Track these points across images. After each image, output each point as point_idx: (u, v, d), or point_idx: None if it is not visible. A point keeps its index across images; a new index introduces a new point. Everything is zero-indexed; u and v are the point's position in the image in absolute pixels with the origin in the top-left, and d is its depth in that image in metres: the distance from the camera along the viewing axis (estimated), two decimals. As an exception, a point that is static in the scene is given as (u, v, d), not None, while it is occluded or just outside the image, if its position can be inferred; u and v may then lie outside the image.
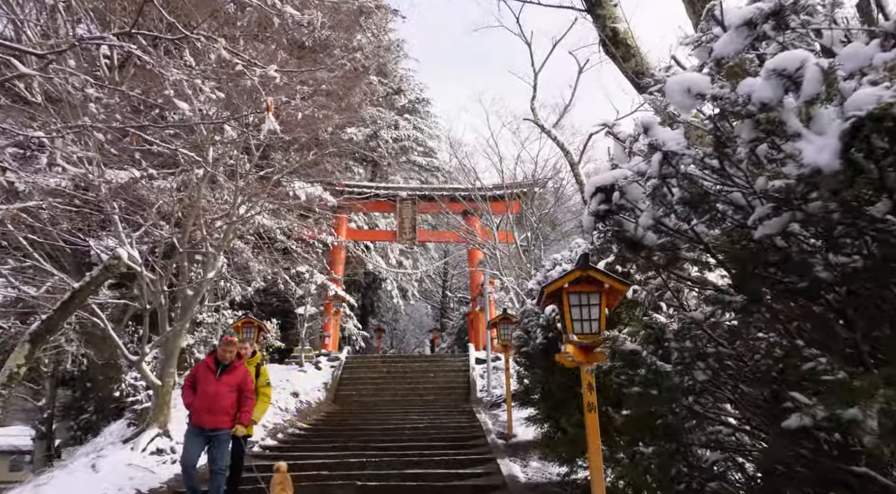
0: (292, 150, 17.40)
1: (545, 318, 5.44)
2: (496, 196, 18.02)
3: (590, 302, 3.79)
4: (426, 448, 8.41)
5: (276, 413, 11.08)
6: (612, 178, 1.93)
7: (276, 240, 17.12)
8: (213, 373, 5.25)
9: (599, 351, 3.72)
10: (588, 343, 3.74)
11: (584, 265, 3.74)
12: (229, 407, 5.24)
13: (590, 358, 3.76)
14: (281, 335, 18.58)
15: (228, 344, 5.35)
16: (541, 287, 3.82)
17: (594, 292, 3.79)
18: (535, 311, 6.11)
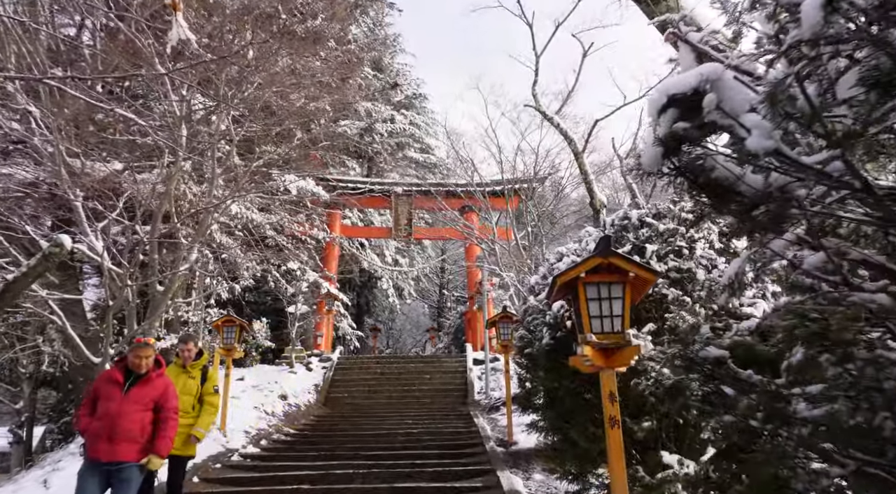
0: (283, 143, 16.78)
1: (552, 316, 4.81)
2: (495, 192, 17.39)
3: (611, 295, 3.16)
4: (420, 456, 7.77)
5: (260, 418, 10.44)
6: (698, 79, 1.24)
7: (266, 236, 16.46)
8: (118, 387, 3.85)
9: (624, 353, 3.09)
10: (609, 344, 3.10)
11: (605, 250, 3.11)
12: (138, 433, 3.78)
13: (611, 362, 3.13)
14: (272, 335, 17.97)
15: (142, 349, 3.94)
16: (552, 276, 3.19)
17: (617, 283, 3.16)
18: (539, 308, 5.48)
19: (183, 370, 4.94)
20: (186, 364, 4.96)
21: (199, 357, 5.04)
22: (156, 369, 4.02)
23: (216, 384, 5.17)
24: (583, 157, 9.84)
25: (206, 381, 5.02)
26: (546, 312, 5.11)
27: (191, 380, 4.93)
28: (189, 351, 4.97)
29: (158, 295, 6.54)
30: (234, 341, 8.73)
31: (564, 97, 11.80)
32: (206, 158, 7.53)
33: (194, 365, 4.97)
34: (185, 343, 5.03)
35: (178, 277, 6.69)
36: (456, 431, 9.85)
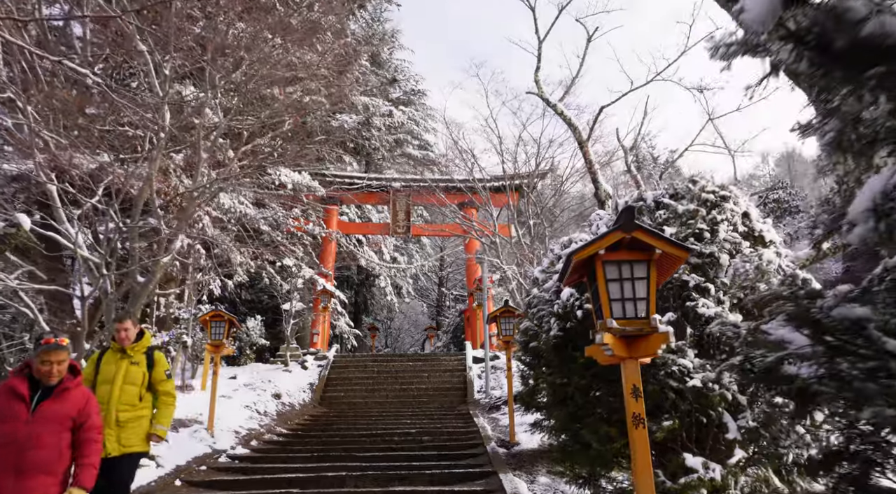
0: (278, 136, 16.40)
1: (561, 305, 4.41)
2: (495, 187, 16.98)
3: (634, 276, 2.76)
4: (418, 458, 7.37)
5: (252, 418, 10.03)
6: None
7: (260, 231, 16.05)
8: (23, 404, 2.95)
9: (649, 341, 2.69)
10: (632, 331, 2.70)
11: (627, 223, 2.70)
12: (54, 460, 2.92)
13: (635, 352, 2.73)
14: (268, 333, 17.56)
15: (53, 352, 3.01)
16: (567, 254, 2.79)
17: (641, 261, 2.76)
18: (546, 299, 5.08)
19: (122, 355, 4.01)
20: (125, 346, 4.02)
21: (140, 337, 4.14)
22: (72, 378, 3.13)
23: (167, 368, 4.24)
24: (587, 146, 9.43)
25: (153, 366, 4.08)
26: (553, 302, 4.70)
27: (134, 367, 3.98)
28: (126, 330, 4.04)
29: (138, 287, 6.13)
30: (222, 337, 8.32)
31: (568, 84, 11.42)
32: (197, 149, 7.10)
33: (135, 348, 4.05)
34: (121, 321, 4.08)
35: (161, 268, 6.29)
36: (455, 431, 9.45)
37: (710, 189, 4.46)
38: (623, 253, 2.77)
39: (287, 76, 13.41)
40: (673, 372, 3.79)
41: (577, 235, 5.87)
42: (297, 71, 13.86)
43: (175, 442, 7.45)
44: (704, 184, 4.51)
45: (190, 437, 7.80)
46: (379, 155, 28.21)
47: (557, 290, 4.62)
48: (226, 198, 14.77)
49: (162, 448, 7.04)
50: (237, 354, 15.90)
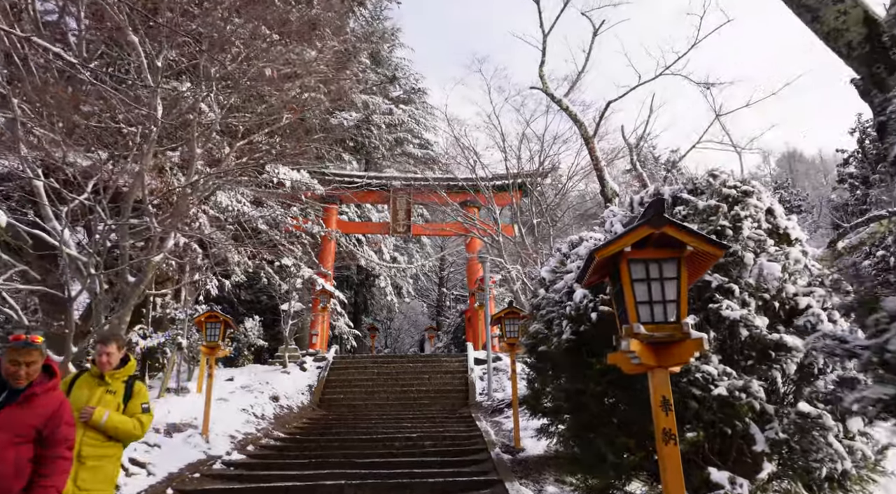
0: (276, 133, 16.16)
1: (574, 307, 4.15)
2: (498, 186, 16.71)
3: (663, 276, 2.50)
4: (419, 465, 7.11)
5: (248, 421, 9.76)
6: None
7: (259, 230, 15.79)
8: None
9: (681, 348, 2.43)
10: (662, 337, 2.44)
11: (656, 217, 2.44)
12: (10, 477, 2.54)
13: (664, 360, 2.47)
14: (267, 334, 17.29)
15: (24, 350, 2.66)
16: (589, 251, 2.52)
17: (670, 259, 2.50)
18: (556, 300, 4.82)
19: (99, 381, 3.44)
20: (104, 372, 3.42)
21: (123, 364, 3.53)
22: (44, 381, 2.71)
23: (145, 401, 3.59)
24: (594, 142, 9.17)
25: (131, 398, 3.47)
26: (565, 303, 4.45)
27: (109, 396, 3.40)
28: (108, 354, 3.43)
29: (129, 287, 5.87)
30: (218, 338, 8.06)
31: (573, 79, 11.13)
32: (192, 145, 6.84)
33: (116, 376, 3.45)
34: (105, 343, 3.48)
35: (153, 267, 6.03)
36: (457, 435, 9.19)
37: (731, 184, 4.20)
38: (650, 250, 2.52)
39: (285, 72, 13.17)
40: (696, 379, 3.53)
41: (588, 233, 5.62)
42: (295, 67, 13.62)
43: (168, 448, 7.20)
44: (725, 178, 4.26)
45: (184, 442, 7.54)
46: (379, 153, 27.96)
47: (569, 291, 4.36)
48: (223, 197, 14.54)
49: (154, 455, 6.79)
50: (234, 355, 15.65)
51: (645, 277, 2.50)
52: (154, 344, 12.19)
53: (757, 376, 3.51)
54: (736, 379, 3.46)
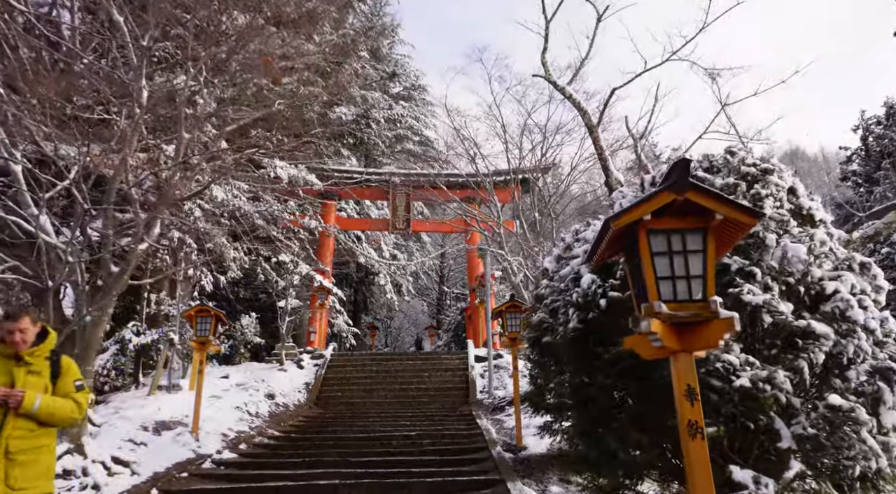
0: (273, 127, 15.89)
1: (581, 294, 3.86)
2: (498, 182, 16.40)
3: (686, 248, 2.21)
4: (418, 463, 6.82)
5: (242, 419, 9.47)
6: None
7: (255, 225, 15.51)
8: None
9: (709, 329, 2.14)
10: (687, 317, 2.15)
11: (680, 181, 2.15)
12: None
13: (689, 343, 2.18)
14: (266, 331, 17.02)
15: None
16: (604, 220, 2.23)
17: (695, 229, 2.21)
18: (561, 288, 4.53)
19: (17, 362, 2.89)
20: (20, 351, 2.87)
21: (41, 339, 2.97)
22: None
23: (78, 377, 3.09)
24: (598, 131, 8.87)
25: (59, 376, 2.99)
26: (570, 291, 4.16)
27: (33, 377, 2.90)
28: (23, 332, 2.86)
29: (111, 278, 5.59)
30: (208, 333, 7.77)
31: (577, 66, 10.82)
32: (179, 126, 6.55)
33: (35, 353, 2.92)
34: (15, 319, 2.86)
35: (137, 256, 5.74)
36: (457, 434, 8.90)
37: (750, 161, 3.91)
38: (673, 219, 2.22)
39: (282, 66, 12.91)
40: (716, 369, 3.24)
41: (595, 221, 5.33)
42: (292, 61, 13.36)
43: (155, 447, 6.92)
44: (744, 155, 3.97)
45: (172, 441, 7.25)
46: (378, 150, 27.68)
47: (576, 277, 4.07)
48: (219, 191, 14.26)
49: (140, 453, 6.50)
50: (230, 353, 15.39)
51: (667, 250, 2.21)
52: (148, 341, 11.93)
53: (782, 366, 3.22)
54: (759, 370, 3.17)
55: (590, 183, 19.00)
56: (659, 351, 2.18)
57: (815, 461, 3.22)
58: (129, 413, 8.10)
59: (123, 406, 8.75)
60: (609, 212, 6.64)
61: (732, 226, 2.21)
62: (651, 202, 2.17)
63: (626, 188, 4.86)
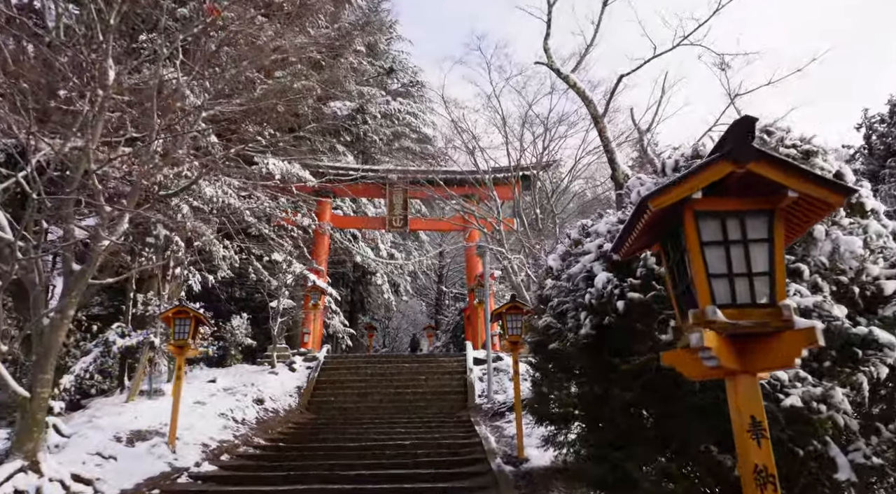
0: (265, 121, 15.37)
1: (595, 295, 3.33)
2: (498, 178, 15.86)
3: (747, 236, 1.68)
4: (412, 478, 6.31)
5: (226, 427, 8.94)
6: None
7: (248, 224, 14.98)
8: None
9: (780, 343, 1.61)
10: (751, 326, 1.62)
11: (740, 146, 1.63)
12: None
13: (753, 361, 1.65)
14: (258, 331, 16.47)
15: None
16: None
17: (759, 212, 1.68)
18: (570, 288, 4.00)
19: None
20: None
21: None
22: None
23: None
24: (603, 122, 8.35)
25: None
26: (582, 291, 3.63)
27: None
28: None
29: (73, 277, 5.06)
30: (187, 336, 7.24)
31: (581, 53, 10.29)
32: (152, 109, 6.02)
33: None
34: None
35: (101, 253, 5.22)
36: (455, 442, 8.39)
37: (790, 142, 3.39)
38: (729, 199, 1.70)
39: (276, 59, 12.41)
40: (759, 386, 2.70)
41: (608, 212, 4.81)
42: (287, 54, 12.85)
43: (126, 460, 6.38)
44: (782, 135, 3.44)
45: (147, 453, 6.72)
46: (376, 148, 27.14)
47: (588, 275, 3.55)
48: (208, 187, 13.73)
49: (107, 469, 5.97)
50: (220, 355, 14.85)
51: (721, 239, 1.69)
52: (133, 343, 11.41)
53: (839, 382, 2.70)
54: (812, 386, 2.64)
55: (593, 178, 18.45)
56: (712, 372, 1.66)
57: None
58: (103, 421, 7.58)
59: (99, 413, 8.23)
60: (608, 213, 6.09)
61: (809, 207, 1.68)
62: (702, 174, 1.64)
63: (645, 176, 4.33)
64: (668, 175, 3.66)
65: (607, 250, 3.43)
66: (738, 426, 1.65)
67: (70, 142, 5.21)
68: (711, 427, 2.84)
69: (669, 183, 1.65)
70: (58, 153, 5.04)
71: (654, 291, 3.08)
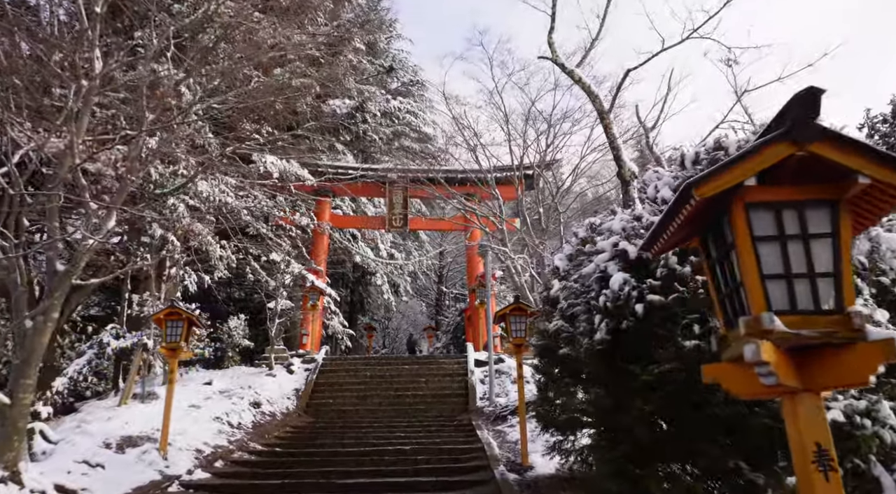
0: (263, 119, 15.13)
1: (611, 297, 3.08)
2: (499, 179, 15.61)
3: (807, 231, 1.44)
4: (410, 487, 6.07)
5: (221, 432, 8.68)
6: None
7: (244, 223, 14.73)
8: None
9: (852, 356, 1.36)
10: (816, 336, 1.37)
11: (803, 122, 1.38)
12: None
13: (818, 379, 1.40)
14: (256, 333, 16.22)
15: None
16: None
17: (822, 201, 1.43)
18: (580, 290, 3.75)
19: None
20: None
21: None
22: None
23: None
24: (609, 117, 8.08)
25: None
26: (594, 292, 3.38)
27: None
28: None
29: (56, 277, 4.81)
30: (179, 338, 6.99)
31: (587, 47, 10.01)
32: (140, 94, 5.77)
33: None
34: None
35: (87, 253, 4.97)
36: (455, 448, 8.13)
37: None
38: (785, 187, 1.45)
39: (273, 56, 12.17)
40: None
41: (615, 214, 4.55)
42: (285, 51, 12.61)
43: (115, 468, 6.13)
44: (812, 125, 3.18)
45: (137, 460, 6.47)
46: (375, 147, 26.89)
47: (603, 276, 3.30)
48: (204, 185, 13.49)
49: (94, 478, 5.72)
50: (217, 357, 14.61)
51: (776, 233, 1.44)
52: (128, 345, 11.18)
53: (885, 394, 2.45)
54: (855, 399, 2.39)
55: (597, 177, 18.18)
56: (767, 390, 1.41)
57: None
58: (92, 427, 7.32)
59: (89, 418, 7.97)
60: (620, 210, 5.82)
61: (880, 197, 1.43)
62: (756, 157, 1.39)
63: (662, 169, 4.07)
64: (686, 168, 3.41)
65: (623, 248, 3.18)
66: (799, 455, 1.39)
67: (54, 135, 4.96)
68: (739, 442, 2.59)
69: (719, 167, 1.40)
70: (41, 147, 4.80)
71: (676, 293, 2.82)
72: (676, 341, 2.76)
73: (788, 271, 1.42)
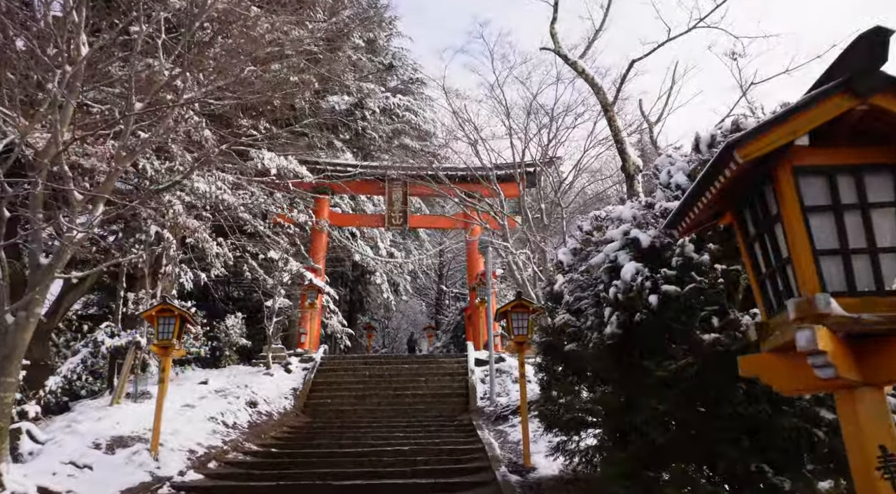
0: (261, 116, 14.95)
1: (622, 289, 2.88)
2: (500, 176, 15.40)
3: (866, 200, 1.23)
4: (408, 489, 5.86)
5: (215, 432, 8.46)
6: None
7: (242, 220, 14.53)
8: None
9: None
10: (880, 323, 1.16)
11: (864, 77, 1.17)
12: None
13: (880, 372, 1.19)
14: (254, 330, 16.02)
15: None
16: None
17: (884, 166, 1.23)
18: (588, 282, 3.55)
19: None
20: None
21: None
22: None
23: None
24: (613, 110, 7.86)
25: None
26: (606, 285, 3.17)
27: None
28: None
29: (39, 271, 4.61)
30: (172, 336, 6.79)
31: (590, 38, 9.78)
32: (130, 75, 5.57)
33: None
34: None
35: (72, 246, 4.77)
36: (456, 448, 7.92)
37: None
38: (841, 150, 1.25)
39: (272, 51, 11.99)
40: (824, 396, 2.26)
41: (624, 202, 4.35)
42: (283, 46, 12.42)
43: (103, 470, 5.92)
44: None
45: (127, 461, 6.26)
46: (375, 145, 26.70)
47: (613, 266, 3.09)
48: (201, 182, 13.31)
49: (80, 480, 5.52)
50: (213, 356, 14.41)
51: (830, 202, 1.23)
52: (122, 343, 10.99)
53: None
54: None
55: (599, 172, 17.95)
56: (822, 384, 1.20)
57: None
58: (82, 426, 7.11)
59: (80, 417, 7.76)
60: (616, 204, 5.64)
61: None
62: (809, 112, 1.19)
63: (676, 154, 3.86)
64: (702, 152, 3.21)
65: (635, 236, 2.98)
66: (858, 459, 1.19)
67: (38, 123, 4.76)
68: (763, 443, 2.39)
69: (765, 123, 1.20)
70: (24, 135, 4.60)
71: (693, 283, 2.62)
72: (693, 334, 2.56)
73: (845, 246, 1.22)
